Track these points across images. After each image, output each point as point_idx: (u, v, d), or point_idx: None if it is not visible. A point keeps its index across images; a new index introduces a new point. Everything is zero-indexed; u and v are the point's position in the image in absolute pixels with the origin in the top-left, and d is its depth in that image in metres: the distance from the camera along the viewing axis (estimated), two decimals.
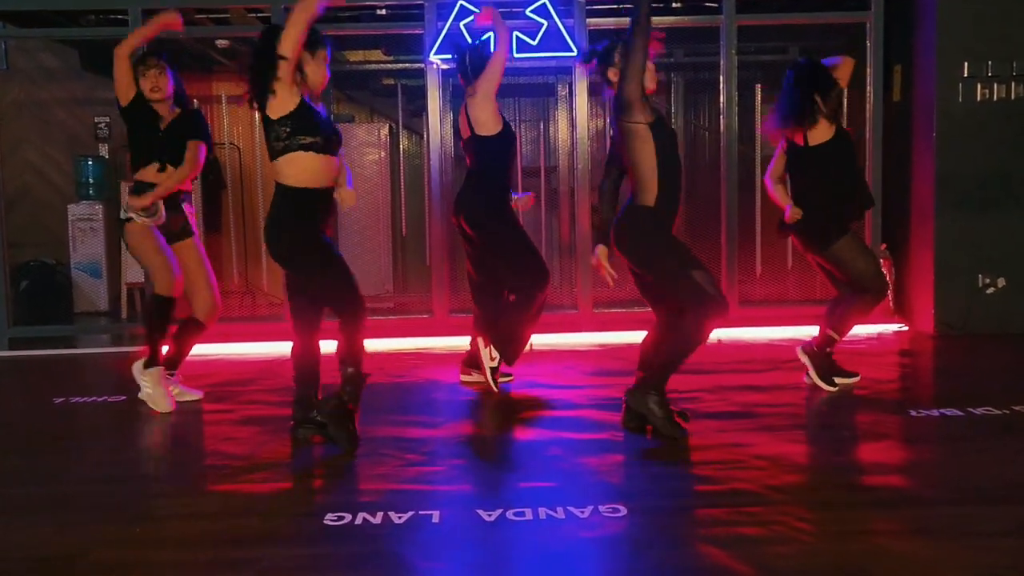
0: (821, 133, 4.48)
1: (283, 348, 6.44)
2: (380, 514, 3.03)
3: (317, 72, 3.76)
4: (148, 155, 4.57)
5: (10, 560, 2.79)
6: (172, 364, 4.77)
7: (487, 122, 4.75)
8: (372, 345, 6.42)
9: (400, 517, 3.01)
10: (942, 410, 4.22)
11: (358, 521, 2.99)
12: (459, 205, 4.85)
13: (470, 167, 4.93)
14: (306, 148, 3.69)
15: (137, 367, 4.66)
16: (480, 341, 4.85)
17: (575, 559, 2.71)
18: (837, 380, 4.67)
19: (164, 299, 4.60)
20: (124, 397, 4.86)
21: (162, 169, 4.56)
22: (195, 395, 4.83)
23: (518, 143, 4.87)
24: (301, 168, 3.71)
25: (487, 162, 4.82)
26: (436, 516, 3.02)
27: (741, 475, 3.36)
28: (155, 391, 4.59)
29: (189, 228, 4.72)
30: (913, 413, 4.20)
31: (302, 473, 3.63)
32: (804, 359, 4.72)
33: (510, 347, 4.81)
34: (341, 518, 3.02)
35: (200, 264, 4.75)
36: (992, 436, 3.85)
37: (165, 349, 4.70)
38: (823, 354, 4.68)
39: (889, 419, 4.15)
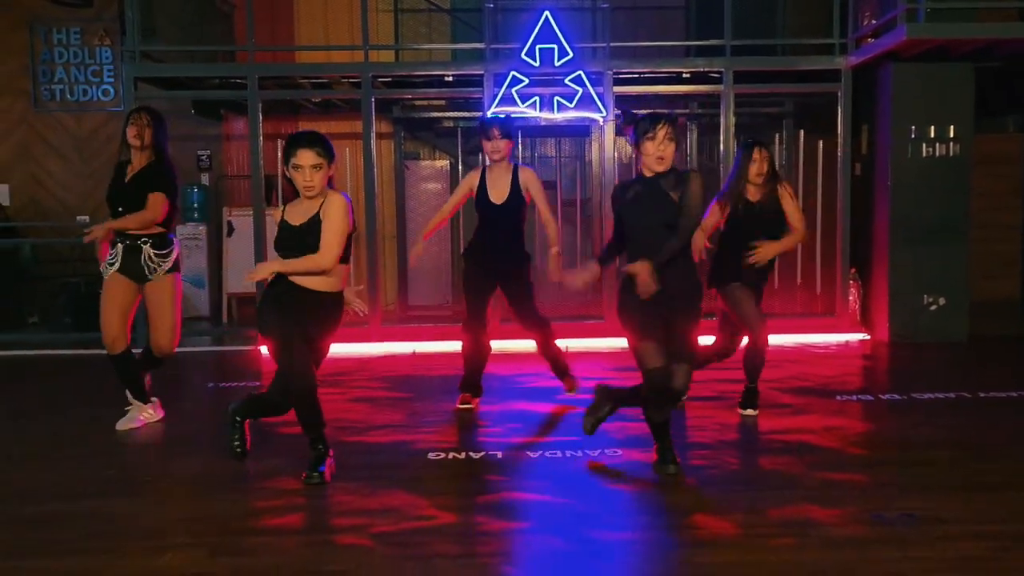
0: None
1: (367, 349, 8.18)
2: (464, 452, 4.74)
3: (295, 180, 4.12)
4: (114, 204, 5.12)
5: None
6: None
7: None
8: (437, 347, 8.16)
9: (477, 454, 4.71)
10: (860, 396, 5.86)
11: (449, 457, 4.69)
12: None
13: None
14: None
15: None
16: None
17: (587, 477, 4.38)
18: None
19: (111, 357, 5.15)
20: (258, 383, 6.61)
21: (116, 217, 5.08)
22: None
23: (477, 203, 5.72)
24: None
25: None
26: (500, 454, 4.72)
27: (700, 435, 5.02)
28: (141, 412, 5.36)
29: (151, 270, 5.15)
30: (838, 398, 5.83)
31: (409, 431, 5.31)
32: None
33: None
34: (439, 455, 4.72)
35: (157, 306, 5.22)
36: (885, 413, 5.49)
37: None
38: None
39: (819, 401, 5.77)
